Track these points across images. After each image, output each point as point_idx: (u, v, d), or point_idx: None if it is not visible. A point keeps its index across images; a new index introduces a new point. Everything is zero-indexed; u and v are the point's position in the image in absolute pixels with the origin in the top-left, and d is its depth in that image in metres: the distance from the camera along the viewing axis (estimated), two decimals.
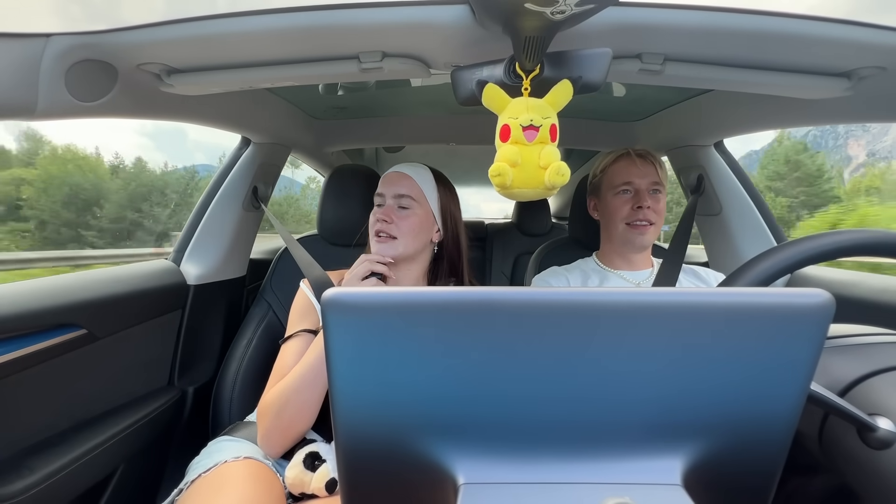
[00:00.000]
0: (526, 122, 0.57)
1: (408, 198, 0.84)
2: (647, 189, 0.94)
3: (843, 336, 0.47)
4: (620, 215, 0.95)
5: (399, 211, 0.84)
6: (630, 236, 0.95)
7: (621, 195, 0.96)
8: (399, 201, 0.85)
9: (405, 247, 0.84)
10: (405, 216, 0.84)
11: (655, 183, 0.94)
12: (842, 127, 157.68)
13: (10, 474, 0.66)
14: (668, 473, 0.30)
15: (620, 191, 0.96)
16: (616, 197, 0.96)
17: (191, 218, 1.16)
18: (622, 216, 0.95)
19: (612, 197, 0.97)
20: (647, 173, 0.94)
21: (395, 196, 0.85)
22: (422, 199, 0.86)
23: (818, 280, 1.09)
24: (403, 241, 0.84)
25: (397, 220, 0.83)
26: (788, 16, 0.59)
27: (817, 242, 0.45)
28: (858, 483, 0.39)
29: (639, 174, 0.94)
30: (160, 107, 0.81)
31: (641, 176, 0.94)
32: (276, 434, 0.71)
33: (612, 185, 0.97)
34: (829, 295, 0.28)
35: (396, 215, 0.83)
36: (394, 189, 0.85)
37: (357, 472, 0.32)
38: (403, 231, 0.83)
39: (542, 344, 0.29)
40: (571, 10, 0.47)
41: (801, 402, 0.30)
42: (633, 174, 0.94)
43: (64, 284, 0.79)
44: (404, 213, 0.84)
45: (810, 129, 11.83)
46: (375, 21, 0.59)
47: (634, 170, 0.95)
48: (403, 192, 0.84)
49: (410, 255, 0.86)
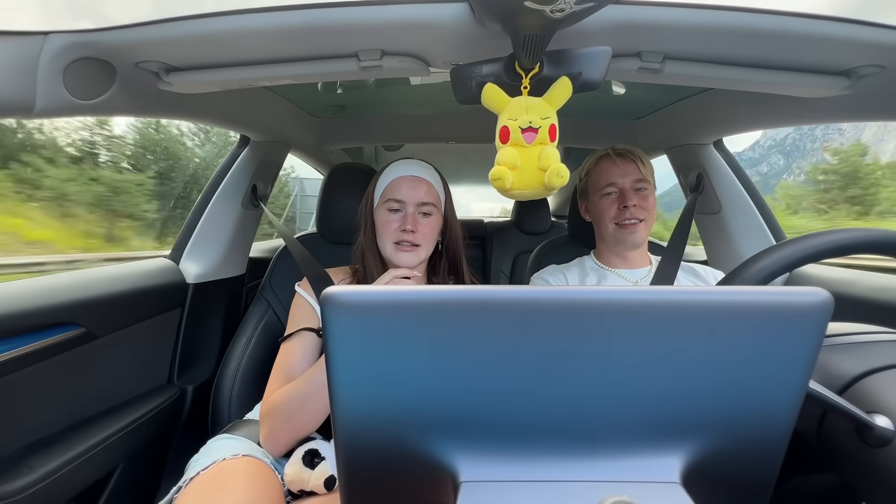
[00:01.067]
0: (525, 125, 0.57)
1: (430, 205, 0.83)
2: (631, 188, 0.94)
3: (841, 334, 0.47)
4: (608, 216, 0.96)
5: (421, 218, 0.83)
6: (621, 236, 0.95)
7: (607, 197, 0.96)
8: (422, 209, 0.83)
9: (426, 252, 0.84)
10: (427, 223, 0.83)
11: (639, 180, 0.94)
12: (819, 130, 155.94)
13: (9, 473, 0.66)
14: (667, 471, 0.30)
15: (605, 193, 0.96)
16: (602, 199, 0.97)
17: (189, 216, 1.16)
18: (610, 217, 0.96)
19: (599, 199, 0.98)
20: (629, 172, 0.94)
21: (419, 204, 0.82)
22: (439, 205, 0.86)
23: (816, 279, 1.09)
24: (426, 248, 0.83)
25: (420, 227, 0.82)
26: (788, 14, 0.59)
27: (816, 241, 0.45)
28: (856, 481, 0.39)
29: (620, 174, 0.95)
30: (159, 105, 0.80)
31: (623, 175, 0.94)
32: (286, 436, 0.71)
33: (597, 188, 0.98)
34: (827, 293, 0.28)
35: (419, 223, 0.82)
36: (417, 197, 0.82)
37: (357, 470, 0.32)
38: (426, 237, 0.83)
39: (541, 342, 0.29)
40: (571, 8, 0.47)
41: (799, 400, 0.30)
42: (615, 174, 0.95)
43: (63, 283, 0.79)
44: (426, 221, 0.83)
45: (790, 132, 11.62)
46: (375, 19, 0.59)
47: (616, 170, 0.95)
48: (427, 200, 0.83)
49: (426, 259, 0.86)
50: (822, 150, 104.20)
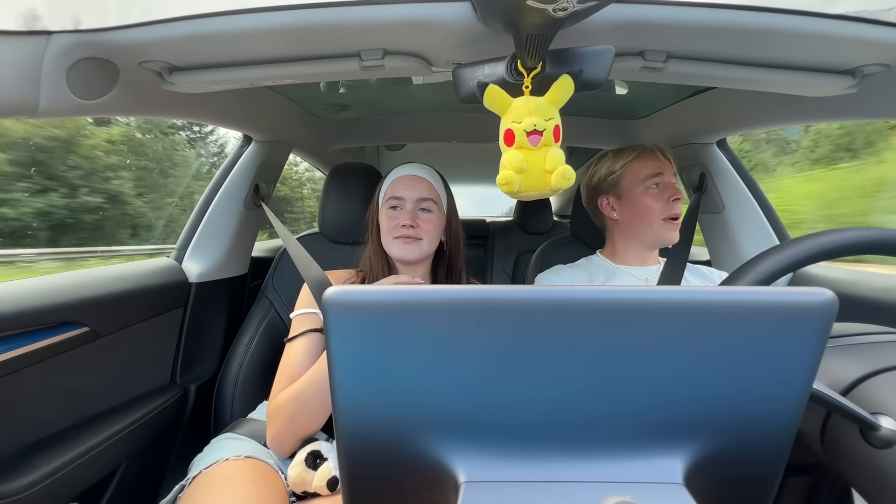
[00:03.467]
0: (530, 128, 0.57)
1: (430, 201, 0.86)
2: (672, 182, 0.93)
3: (845, 335, 0.47)
4: (657, 211, 0.91)
5: (421, 213, 0.86)
6: (666, 234, 0.92)
7: (653, 189, 0.93)
8: (421, 204, 0.86)
9: (428, 247, 0.86)
10: (428, 219, 0.85)
11: (675, 176, 0.94)
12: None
13: (12, 471, 0.66)
14: (669, 472, 0.30)
15: (652, 184, 0.92)
16: (648, 191, 0.93)
17: (192, 216, 1.16)
18: (659, 211, 0.91)
19: (643, 193, 0.93)
20: (669, 167, 0.94)
21: (418, 200, 0.85)
22: (439, 202, 0.88)
23: (820, 279, 1.09)
24: (427, 243, 0.85)
25: (421, 223, 0.84)
26: (792, 12, 0.58)
27: (820, 241, 0.44)
28: (860, 482, 0.39)
29: (666, 167, 0.93)
30: (161, 105, 0.81)
31: (668, 169, 0.93)
32: (290, 436, 0.72)
33: (639, 180, 0.93)
34: (831, 294, 0.28)
35: (420, 218, 0.85)
36: (416, 193, 0.85)
37: (358, 471, 0.32)
38: (427, 232, 0.85)
39: (543, 342, 0.29)
40: (573, 7, 0.47)
41: (803, 400, 0.30)
42: (661, 167, 0.93)
43: (66, 282, 0.79)
44: (427, 216, 0.86)
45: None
46: (377, 18, 0.59)
47: (660, 163, 0.93)
48: (426, 196, 0.86)
49: (429, 256, 0.88)
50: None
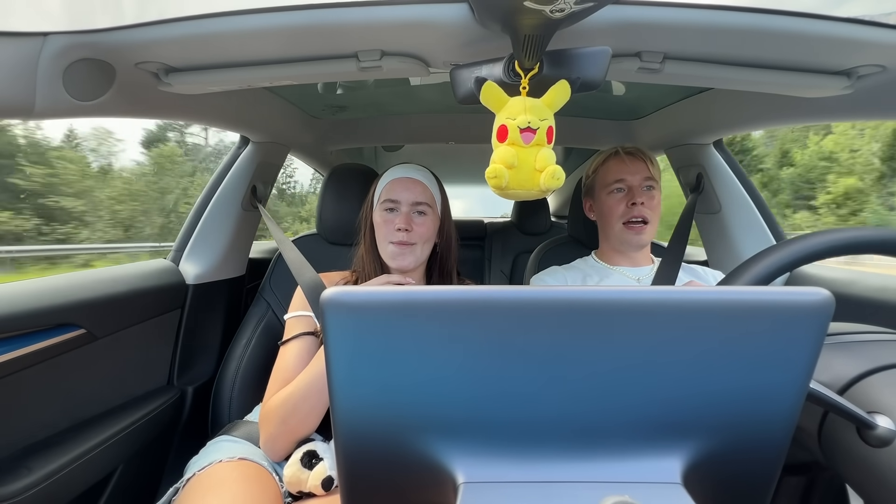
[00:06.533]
0: (524, 125, 0.57)
1: (425, 204, 0.85)
2: (639, 185, 0.94)
3: (841, 334, 0.47)
4: (616, 214, 0.96)
5: (416, 216, 0.85)
6: (627, 237, 0.95)
7: (615, 193, 0.96)
8: (416, 208, 0.85)
9: (423, 252, 0.85)
10: (422, 222, 0.85)
11: (647, 178, 0.95)
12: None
13: (8, 475, 0.66)
14: (667, 472, 0.30)
15: (614, 189, 0.96)
16: (610, 196, 0.97)
17: (189, 217, 1.16)
18: (618, 215, 0.95)
19: (607, 196, 0.98)
20: (638, 170, 0.95)
21: (413, 203, 0.85)
22: (434, 205, 0.87)
23: (817, 278, 1.09)
24: (421, 247, 0.85)
25: (415, 226, 0.83)
26: (788, 14, 0.58)
27: (816, 241, 0.45)
28: (857, 481, 0.39)
29: (629, 171, 0.95)
30: (158, 106, 0.80)
31: (633, 172, 0.95)
32: (282, 439, 0.71)
33: (605, 184, 0.98)
34: (828, 293, 0.28)
35: (414, 222, 0.84)
36: (411, 197, 0.85)
37: (356, 471, 0.32)
38: (421, 236, 0.84)
39: (541, 342, 0.29)
40: (571, 8, 0.47)
41: (800, 400, 0.30)
42: (625, 171, 0.95)
43: (63, 284, 0.79)
44: (421, 220, 0.85)
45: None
46: (374, 19, 0.59)
47: (625, 167, 0.95)
48: (422, 200, 0.85)
49: (423, 260, 0.87)
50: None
